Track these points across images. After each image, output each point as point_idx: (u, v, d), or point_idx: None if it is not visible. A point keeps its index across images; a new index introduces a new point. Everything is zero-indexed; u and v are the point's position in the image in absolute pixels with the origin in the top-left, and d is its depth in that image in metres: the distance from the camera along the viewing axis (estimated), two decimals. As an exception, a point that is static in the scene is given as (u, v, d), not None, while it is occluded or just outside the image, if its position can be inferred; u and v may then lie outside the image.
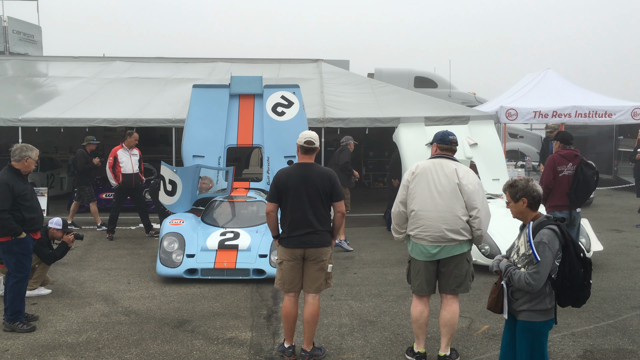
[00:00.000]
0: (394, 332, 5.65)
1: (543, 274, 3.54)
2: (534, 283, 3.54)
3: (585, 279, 3.64)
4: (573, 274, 3.58)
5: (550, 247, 3.54)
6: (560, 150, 6.91)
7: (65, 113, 12.67)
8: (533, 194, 3.74)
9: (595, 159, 17.92)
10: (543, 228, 3.61)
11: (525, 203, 3.75)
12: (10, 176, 5.69)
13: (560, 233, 3.60)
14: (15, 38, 19.14)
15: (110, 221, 10.47)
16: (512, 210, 3.84)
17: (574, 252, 3.60)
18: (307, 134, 5.04)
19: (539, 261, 3.52)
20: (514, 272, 3.64)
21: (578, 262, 3.60)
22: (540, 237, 3.58)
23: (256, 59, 18.01)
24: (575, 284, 3.61)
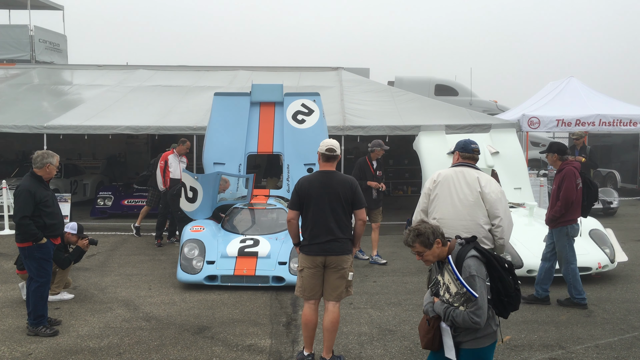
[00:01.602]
0: (413, 342, 5.61)
1: (484, 307, 3.38)
2: (480, 320, 3.36)
3: (515, 284, 3.55)
4: (506, 287, 3.48)
5: (480, 275, 3.40)
6: (572, 162, 6.68)
7: (89, 120, 12.87)
8: (440, 230, 3.60)
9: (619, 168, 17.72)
10: (465, 259, 3.44)
11: (440, 243, 3.54)
12: (32, 183, 5.79)
13: (480, 254, 3.46)
14: (41, 47, 19.52)
15: (158, 227, 10.46)
16: (431, 257, 3.57)
17: (499, 265, 3.48)
18: (329, 142, 5.06)
19: (477, 297, 3.33)
20: (454, 314, 3.40)
21: (506, 273, 3.49)
22: (467, 270, 3.41)
23: (277, 67, 18.12)
24: (510, 295, 3.51)
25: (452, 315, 3.41)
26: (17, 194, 5.77)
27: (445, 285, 3.49)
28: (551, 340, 5.63)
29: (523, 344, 5.52)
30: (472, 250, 3.48)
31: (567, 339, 5.65)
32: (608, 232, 8.24)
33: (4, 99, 14.64)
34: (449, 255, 3.51)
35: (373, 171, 9.09)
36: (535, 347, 5.44)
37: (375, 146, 9.14)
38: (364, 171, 9.03)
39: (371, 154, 9.15)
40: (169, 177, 10.42)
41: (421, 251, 3.53)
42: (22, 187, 5.75)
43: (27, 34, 19.10)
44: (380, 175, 9.21)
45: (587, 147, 12.44)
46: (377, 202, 9.13)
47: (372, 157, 9.15)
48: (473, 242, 3.56)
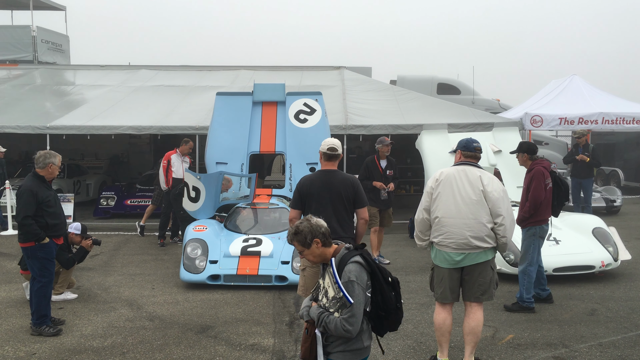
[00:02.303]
0: (417, 341, 5.61)
1: (359, 315, 3.15)
2: (352, 328, 3.13)
3: (397, 301, 3.33)
4: (386, 302, 3.26)
5: (360, 282, 3.17)
6: (541, 162, 6.56)
7: (92, 120, 12.89)
8: (321, 230, 3.35)
9: (622, 166, 17.68)
10: (347, 264, 3.22)
11: (319, 243, 3.33)
12: (35, 183, 5.80)
13: (365, 262, 3.25)
14: (43, 47, 19.55)
15: (160, 226, 10.48)
16: (311, 257, 3.37)
17: (382, 278, 3.26)
18: (330, 141, 5.05)
19: (352, 303, 3.12)
20: (328, 319, 3.19)
21: (388, 287, 3.28)
22: (347, 275, 3.18)
23: (279, 67, 18.12)
24: (390, 311, 3.28)
25: (325, 320, 3.19)
26: (20, 194, 5.79)
27: (324, 289, 3.32)
28: (554, 338, 5.63)
29: (526, 343, 5.51)
30: (357, 257, 3.26)
31: (570, 338, 5.64)
32: (611, 231, 8.23)
33: (7, 100, 14.67)
34: (332, 258, 3.31)
35: (381, 170, 8.71)
36: (538, 346, 5.44)
37: (378, 143, 8.85)
38: (370, 171, 8.70)
39: (379, 152, 8.81)
40: (172, 176, 10.44)
41: (300, 250, 3.39)
42: (25, 187, 5.77)
43: (30, 35, 19.13)
44: (391, 175, 8.80)
45: (590, 145, 12.40)
46: (387, 203, 8.73)
47: (380, 155, 8.80)
48: (361, 249, 3.35)
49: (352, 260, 3.24)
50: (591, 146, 12.36)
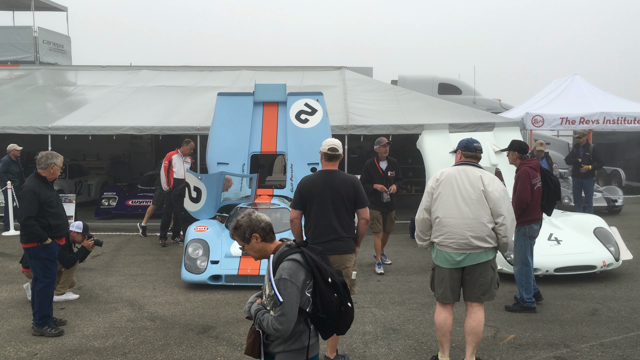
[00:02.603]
0: (418, 341, 5.61)
1: (290, 315, 3.03)
2: (282, 327, 3.02)
3: (342, 304, 3.18)
4: (325, 304, 3.13)
5: (294, 280, 3.05)
6: (528, 162, 6.50)
7: (93, 121, 12.91)
8: (261, 225, 3.26)
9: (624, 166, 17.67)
10: (284, 261, 3.13)
11: (258, 239, 3.26)
12: (37, 183, 5.81)
13: (304, 261, 3.12)
14: (45, 48, 19.58)
15: (162, 227, 10.48)
16: (252, 252, 3.31)
17: (321, 278, 3.13)
18: (331, 141, 5.06)
19: (282, 302, 3.02)
20: (262, 317, 3.13)
21: (328, 288, 3.14)
22: (280, 272, 3.08)
23: (280, 67, 18.13)
24: (331, 313, 3.15)
25: (260, 318, 3.14)
26: (22, 195, 5.80)
27: (264, 286, 3.27)
28: (556, 338, 5.62)
29: (527, 343, 5.51)
30: (296, 255, 3.14)
31: (571, 338, 5.64)
32: (613, 230, 8.22)
33: (9, 100, 14.70)
34: (272, 254, 3.24)
35: (382, 172, 8.40)
36: (539, 346, 5.44)
37: (375, 144, 8.56)
38: (370, 173, 8.39)
39: (378, 154, 8.53)
40: (173, 177, 10.45)
41: (241, 245, 3.34)
42: (27, 188, 5.78)
43: (31, 35, 19.16)
44: (392, 177, 8.46)
45: (591, 145, 12.40)
46: (389, 205, 8.41)
47: (379, 157, 8.51)
48: (304, 246, 3.23)
49: (289, 257, 3.14)
50: (592, 146, 12.35)
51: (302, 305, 3.10)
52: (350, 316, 3.25)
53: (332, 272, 3.21)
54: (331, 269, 3.24)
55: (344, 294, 3.20)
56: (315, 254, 3.24)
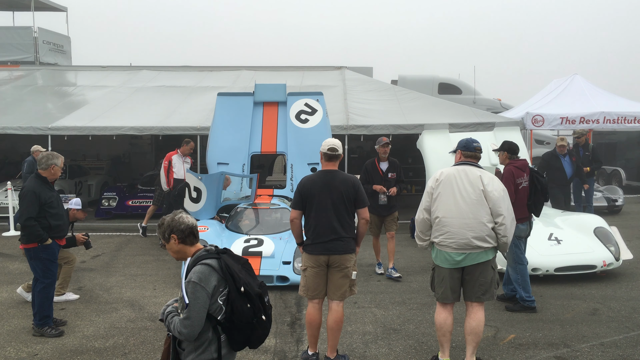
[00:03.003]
0: (418, 341, 5.61)
1: (195, 319, 2.97)
2: (186, 331, 2.97)
3: (256, 316, 3.09)
4: (236, 313, 3.05)
5: (204, 285, 2.99)
6: (514, 162, 6.56)
7: (93, 121, 12.91)
8: (180, 227, 3.22)
9: (624, 166, 17.66)
10: (197, 264, 3.08)
11: (177, 240, 3.22)
12: (37, 184, 5.81)
13: (219, 267, 3.06)
14: (45, 48, 19.59)
15: None
16: (171, 252, 3.28)
17: (234, 287, 3.05)
18: (330, 142, 5.06)
19: (188, 305, 2.98)
20: (171, 319, 3.07)
21: (241, 297, 3.05)
22: (190, 275, 3.04)
23: (280, 67, 18.14)
24: (242, 324, 3.08)
25: (169, 320, 3.09)
26: (22, 196, 5.80)
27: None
28: (556, 338, 5.62)
29: (528, 343, 5.51)
30: (211, 260, 3.09)
31: (572, 337, 5.64)
32: (613, 230, 8.22)
33: (9, 101, 14.70)
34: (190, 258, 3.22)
35: (381, 173, 8.08)
36: (540, 346, 5.44)
37: (375, 144, 8.25)
38: (370, 174, 8.09)
39: (378, 154, 8.21)
40: (173, 177, 10.45)
41: (163, 243, 3.31)
42: (27, 189, 5.78)
43: (31, 36, 19.17)
44: (393, 178, 8.11)
45: (590, 144, 12.40)
46: (387, 208, 8.04)
47: (380, 157, 8.18)
48: (224, 252, 3.18)
49: (203, 261, 3.09)
50: (591, 145, 12.35)
51: (213, 312, 3.04)
52: (264, 330, 3.16)
53: (248, 282, 3.12)
54: (251, 279, 3.16)
55: (259, 306, 3.11)
56: (237, 262, 3.19)
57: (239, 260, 3.23)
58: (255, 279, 3.22)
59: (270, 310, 3.23)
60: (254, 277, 3.23)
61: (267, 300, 3.23)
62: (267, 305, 3.21)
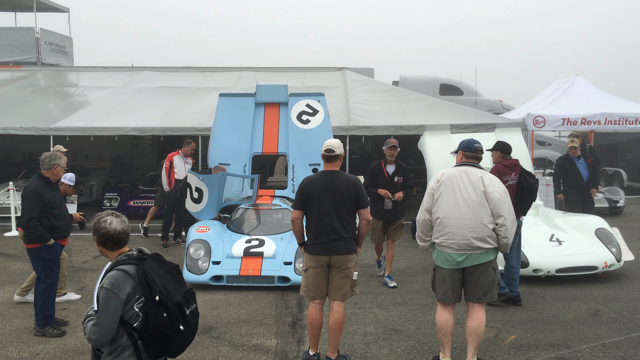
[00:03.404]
0: (419, 341, 5.61)
1: (104, 326, 2.91)
2: (94, 337, 2.92)
3: (172, 325, 3.00)
4: (151, 322, 2.98)
5: (117, 291, 2.93)
6: (503, 161, 6.67)
7: (95, 122, 12.93)
8: (100, 231, 3.18)
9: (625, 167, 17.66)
10: (113, 269, 3.03)
11: (97, 242, 3.22)
12: (40, 184, 5.83)
13: (135, 273, 3.00)
14: (47, 49, 19.62)
15: (163, 227, 10.44)
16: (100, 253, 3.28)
17: (149, 295, 2.98)
18: (328, 142, 5.07)
19: (97, 311, 2.94)
20: (86, 324, 3.01)
21: (156, 306, 2.97)
22: (104, 281, 3.00)
23: (281, 68, 18.16)
24: (154, 334, 2.99)
25: (84, 325, 3.04)
26: (25, 196, 5.81)
27: None
28: (557, 339, 5.62)
29: (529, 343, 5.51)
30: (128, 266, 3.03)
31: (573, 338, 5.64)
32: (614, 231, 8.22)
33: (11, 101, 14.73)
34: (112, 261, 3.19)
35: (387, 176, 7.63)
36: (541, 347, 5.44)
37: (383, 146, 7.81)
38: (375, 177, 7.66)
39: (385, 157, 7.75)
40: (174, 177, 10.46)
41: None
42: (30, 189, 5.79)
43: (33, 37, 19.20)
44: (399, 183, 7.64)
45: (587, 145, 12.40)
46: (392, 214, 7.58)
47: (387, 160, 7.71)
48: (145, 258, 3.11)
49: (119, 267, 3.03)
50: (587, 146, 12.36)
51: (129, 319, 2.99)
52: (183, 340, 3.07)
53: (167, 290, 3.03)
54: (174, 287, 3.09)
55: (177, 316, 3.02)
56: (162, 267, 3.14)
57: (165, 266, 3.17)
58: (181, 286, 3.14)
59: (193, 319, 3.14)
60: (180, 284, 3.17)
61: (192, 308, 3.15)
62: (190, 314, 3.11)
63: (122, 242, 3.23)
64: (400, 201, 7.58)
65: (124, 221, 3.26)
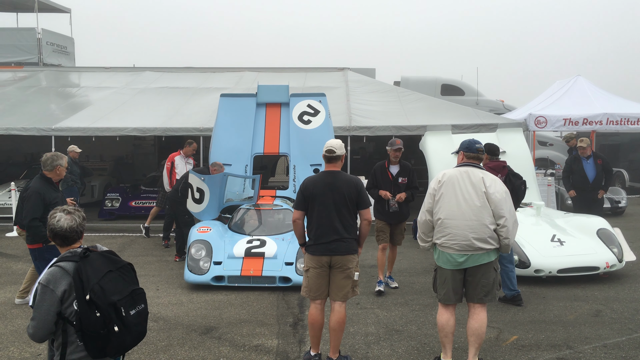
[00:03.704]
0: (420, 342, 5.61)
1: (40, 322, 2.92)
2: (31, 332, 2.96)
3: (107, 326, 2.94)
4: (83, 320, 2.93)
5: (53, 288, 2.92)
6: (488, 163, 6.66)
7: (97, 122, 12.95)
8: (50, 227, 3.21)
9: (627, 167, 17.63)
10: (52, 266, 3.03)
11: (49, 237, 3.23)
12: (42, 185, 5.84)
13: (74, 269, 2.98)
14: (48, 49, 19.64)
15: (165, 228, 10.44)
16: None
17: (81, 294, 2.93)
18: (329, 143, 5.08)
19: (34, 307, 2.95)
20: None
21: (87, 305, 2.92)
22: (41, 277, 3.01)
23: (282, 68, 18.17)
24: (88, 333, 2.95)
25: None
26: (27, 197, 5.82)
27: None
28: (559, 340, 5.62)
29: (530, 344, 5.51)
30: (67, 263, 3.03)
31: (574, 339, 5.63)
32: (616, 232, 8.21)
33: (13, 102, 14.75)
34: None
35: (391, 178, 7.39)
36: (542, 347, 5.43)
37: (388, 146, 7.50)
38: (378, 178, 7.43)
39: (389, 157, 7.49)
40: (175, 178, 10.47)
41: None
42: (32, 190, 5.80)
43: (35, 37, 19.22)
44: (403, 184, 7.38)
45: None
46: (396, 216, 7.33)
47: (390, 160, 7.46)
48: (85, 254, 3.08)
49: (58, 264, 3.03)
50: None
51: (69, 315, 2.98)
52: (120, 342, 3.01)
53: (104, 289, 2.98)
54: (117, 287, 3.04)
55: (111, 316, 2.96)
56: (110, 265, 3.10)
57: (114, 264, 3.13)
58: (128, 286, 3.11)
59: (136, 320, 3.08)
60: (128, 282, 3.13)
61: (138, 309, 3.10)
62: (134, 315, 3.06)
63: (71, 239, 3.21)
64: (405, 202, 7.36)
65: (75, 218, 3.23)
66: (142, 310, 3.14)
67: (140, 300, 3.15)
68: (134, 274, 3.24)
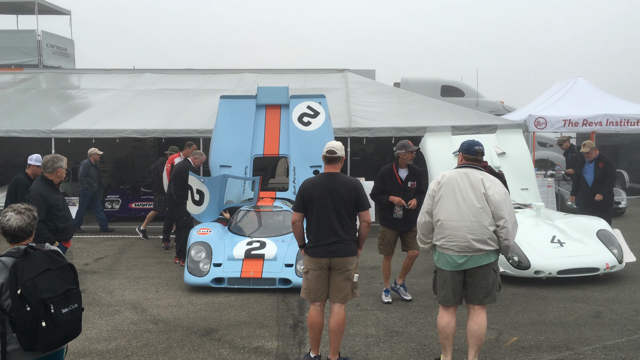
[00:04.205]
0: (420, 343, 5.60)
1: None
2: None
3: (34, 320, 3.05)
4: (15, 313, 3.03)
5: None
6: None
7: (97, 124, 12.95)
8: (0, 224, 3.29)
9: (627, 168, 17.63)
10: None
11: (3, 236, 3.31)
12: (44, 187, 5.84)
13: (12, 265, 3.09)
14: (48, 51, 19.65)
15: (165, 230, 10.42)
16: None
17: (14, 288, 3.05)
18: (330, 144, 5.08)
19: None
20: None
21: (19, 299, 3.03)
22: None
23: (282, 70, 18.16)
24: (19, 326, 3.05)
25: None
26: (29, 199, 5.81)
27: None
28: (559, 341, 5.61)
29: (530, 345, 5.51)
30: (7, 257, 3.14)
31: (574, 340, 5.63)
32: (616, 233, 8.21)
33: (13, 104, 14.76)
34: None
35: (400, 182, 6.85)
36: (542, 349, 5.43)
37: (399, 148, 6.89)
38: (386, 182, 6.87)
39: (398, 160, 6.92)
40: None
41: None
42: (34, 192, 5.80)
43: (35, 39, 19.23)
44: (413, 188, 6.86)
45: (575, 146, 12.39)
46: (406, 223, 6.78)
47: (399, 163, 6.93)
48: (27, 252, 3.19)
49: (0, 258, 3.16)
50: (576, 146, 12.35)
51: (6, 307, 3.08)
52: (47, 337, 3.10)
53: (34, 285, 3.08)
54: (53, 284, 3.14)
55: (39, 312, 3.06)
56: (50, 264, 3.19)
57: (54, 263, 3.24)
58: (64, 285, 3.21)
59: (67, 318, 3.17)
60: (65, 282, 3.23)
61: (71, 308, 3.19)
62: (66, 314, 3.15)
63: (19, 237, 3.31)
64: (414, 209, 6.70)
65: (25, 218, 3.32)
66: (75, 310, 3.25)
67: (75, 300, 3.25)
68: (73, 274, 3.34)
